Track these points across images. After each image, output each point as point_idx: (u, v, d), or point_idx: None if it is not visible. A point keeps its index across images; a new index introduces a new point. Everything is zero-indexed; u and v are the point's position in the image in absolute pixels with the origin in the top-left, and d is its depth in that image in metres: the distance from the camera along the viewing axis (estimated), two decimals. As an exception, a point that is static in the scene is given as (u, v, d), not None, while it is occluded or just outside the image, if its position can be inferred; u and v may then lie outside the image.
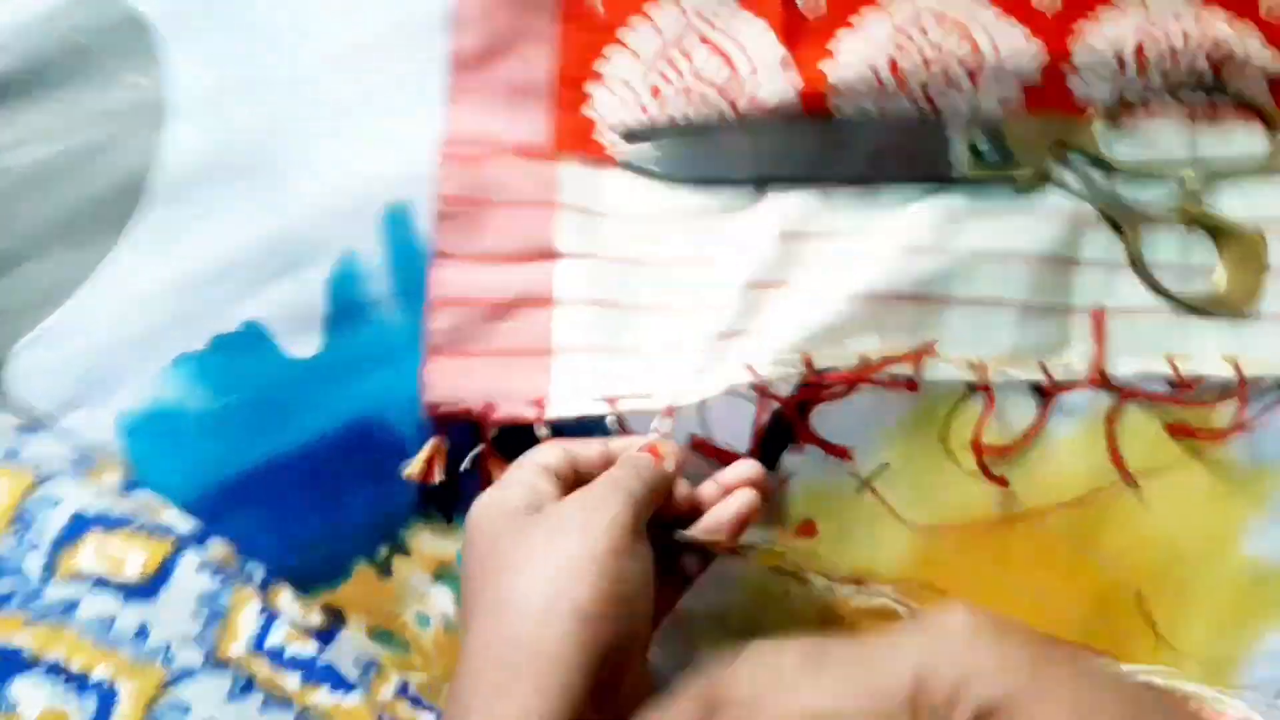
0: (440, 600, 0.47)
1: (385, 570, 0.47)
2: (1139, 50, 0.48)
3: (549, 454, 0.40)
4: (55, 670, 0.31)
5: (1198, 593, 0.47)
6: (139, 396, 0.48)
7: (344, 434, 0.48)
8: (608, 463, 0.40)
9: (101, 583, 0.34)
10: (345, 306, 0.49)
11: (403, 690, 0.41)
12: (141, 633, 0.34)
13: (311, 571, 0.46)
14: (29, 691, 0.31)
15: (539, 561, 0.33)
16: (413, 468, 0.46)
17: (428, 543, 0.47)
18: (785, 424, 0.47)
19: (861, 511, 0.47)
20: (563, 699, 0.31)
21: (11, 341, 0.49)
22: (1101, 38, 0.49)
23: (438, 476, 0.46)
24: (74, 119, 0.51)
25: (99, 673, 0.32)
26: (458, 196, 0.49)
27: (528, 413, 0.46)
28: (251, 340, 0.49)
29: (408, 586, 0.47)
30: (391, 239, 0.49)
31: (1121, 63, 0.49)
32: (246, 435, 0.48)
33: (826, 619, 0.47)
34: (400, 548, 0.47)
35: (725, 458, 0.46)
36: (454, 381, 0.47)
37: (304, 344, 0.49)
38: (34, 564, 0.33)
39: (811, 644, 0.31)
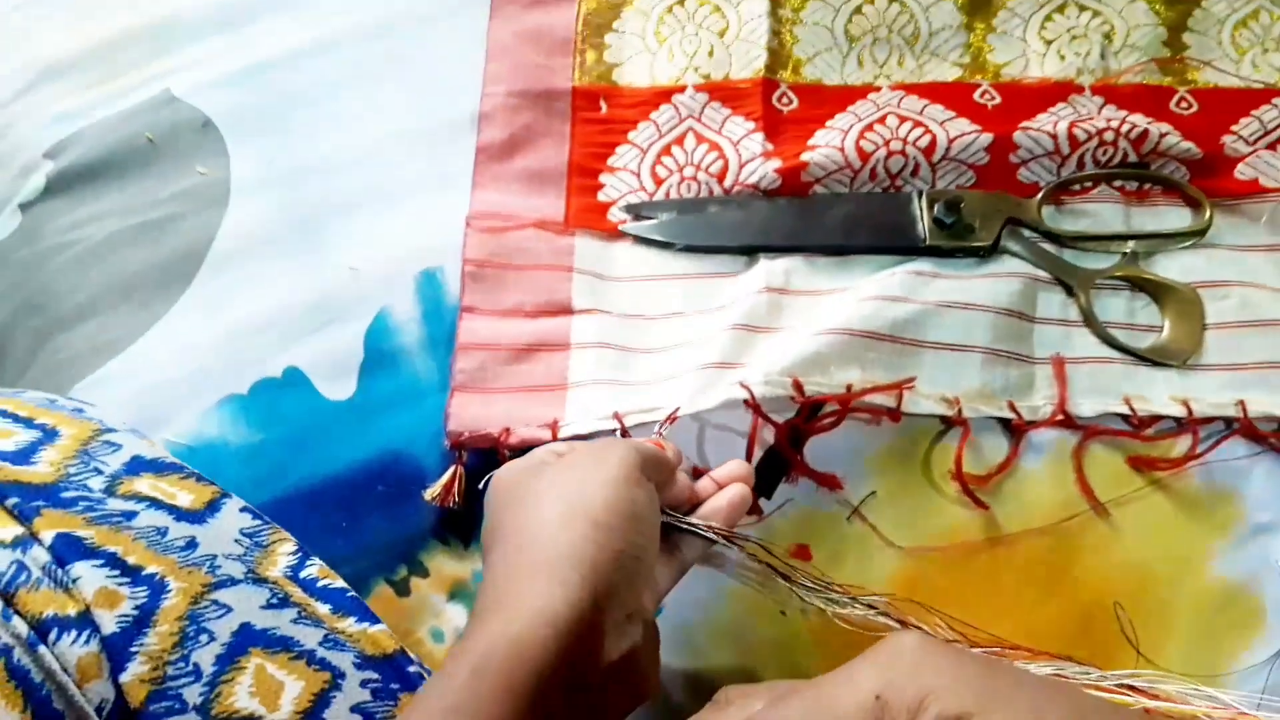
0: (454, 616, 0.49)
1: (403, 590, 0.50)
2: (1072, 138, 0.56)
3: (559, 445, 0.44)
4: (113, 561, 0.34)
5: (1173, 613, 0.49)
6: (183, 431, 0.52)
7: (370, 466, 0.52)
8: None
9: (156, 504, 0.37)
10: (378, 355, 0.54)
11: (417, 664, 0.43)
12: (190, 545, 0.36)
13: (335, 587, 0.49)
14: (88, 573, 0.33)
15: (558, 486, 0.37)
16: (434, 491, 0.50)
17: (445, 565, 0.50)
18: (780, 456, 0.51)
19: (852, 536, 0.51)
20: (581, 589, 0.34)
21: (71, 384, 0.54)
22: (1039, 129, 0.57)
23: (456, 499, 0.50)
24: (146, 200, 0.59)
25: (151, 569, 0.35)
26: (483, 260, 0.55)
27: (543, 434, 0.50)
28: (291, 384, 0.54)
29: (424, 604, 0.49)
30: (423, 298, 0.55)
31: (1058, 149, 0.56)
32: (281, 466, 0.52)
33: (817, 634, 0.49)
34: (418, 569, 0.50)
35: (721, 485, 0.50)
36: (476, 412, 0.51)
37: (340, 388, 0.54)
38: (96, 484, 0.37)
39: (781, 685, 0.35)
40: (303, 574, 0.40)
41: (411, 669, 0.39)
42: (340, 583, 0.41)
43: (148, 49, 0.64)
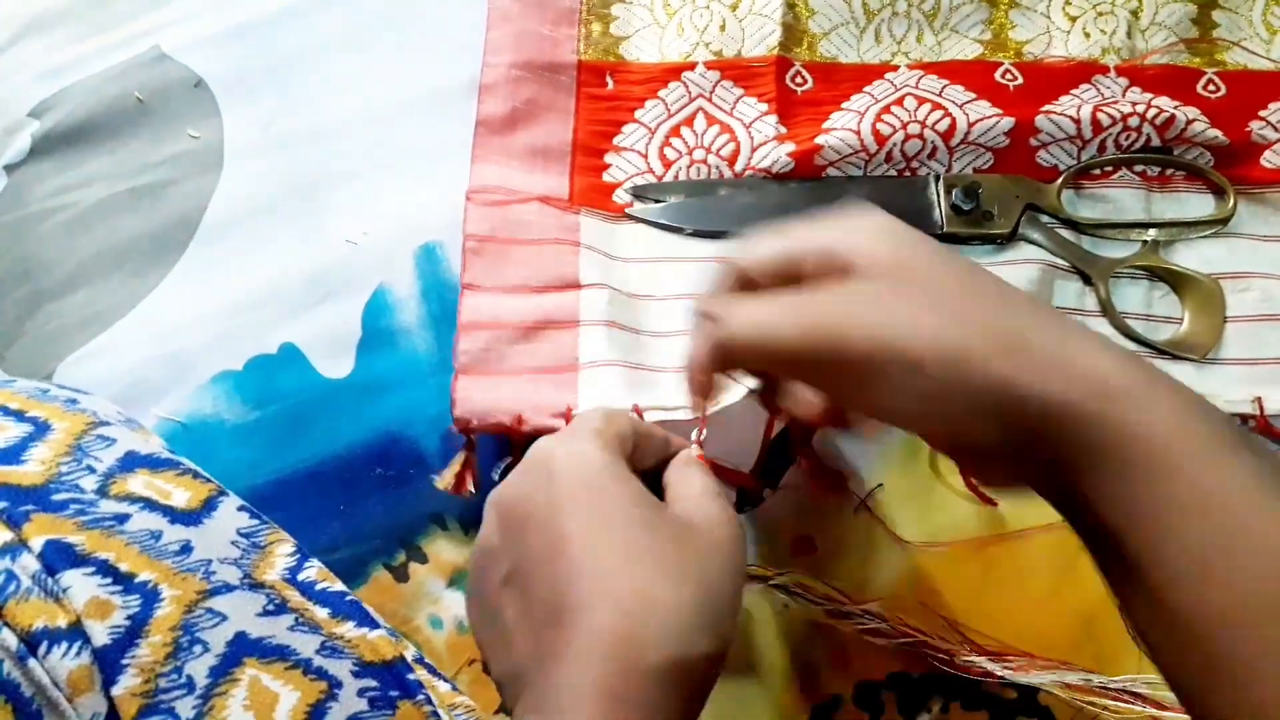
0: (453, 603, 0.48)
1: (402, 575, 0.49)
2: (1095, 123, 0.54)
3: (623, 422, 0.39)
4: (104, 569, 0.33)
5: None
6: (176, 409, 0.51)
7: (369, 447, 0.51)
8: (664, 453, 0.41)
9: (150, 504, 0.36)
10: (377, 333, 0.53)
11: (419, 659, 0.42)
12: (185, 549, 0.35)
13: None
14: (79, 582, 0.32)
15: (693, 586, 0.33)
16: (445, 479, 0.49)
17: (444, 550, 0.49)
18: (786, 444, 0.50)
19: (858, 529, 0.50)
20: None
21: (62, 356, 0.52)
22: (1061, 112, 0.55)
23: (470, 487, 0.48)
24: (136, 165, 0.57)
25: (143, 576, 0.34)
26: (484, 235, 0.53)
27: (557, 424, 0.48)
28: (288, 360, 0.52)
29: (423, 591, 0.49)
30: (422, 273, 0.54)
31: (1080, 134, 0.55)
32: (277, 446, 0.51)
33: (820, 626, 0.48)
34: (417, 555, 0.49)
35: (730, 475, 0.49)
36: (483, 397, 0.49)
37: (337, 365, 0.52)
38: (89, 483, 0.36)
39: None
40: (301, 576, 0.39)
41: (411, 676, 0.38)
42: (339, 586, 0.40)
43: (137, 1, 0.62)
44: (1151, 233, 0.54)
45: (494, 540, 0.36)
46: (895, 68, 0.58)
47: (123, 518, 0.35)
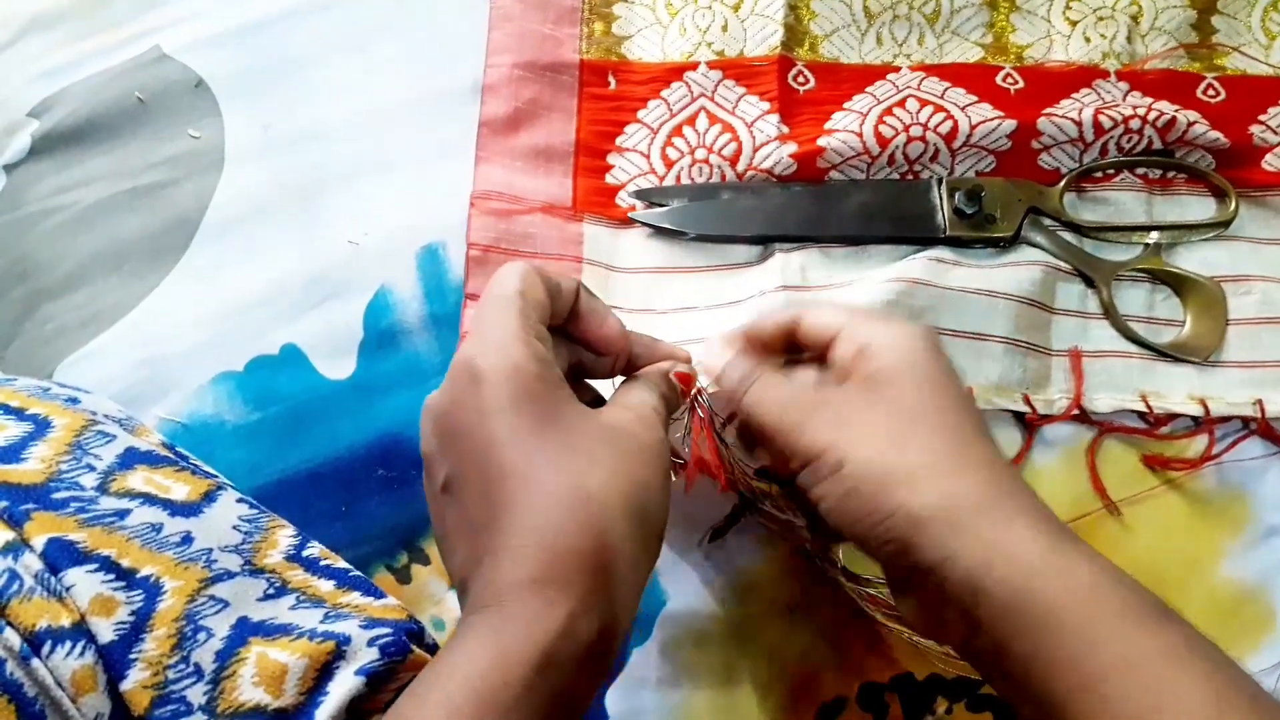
0: (456, 605, 0.48)
1: (404, 577, 0.49)
2: (1097, 125, 0.54)
3: (533, 291, 0.37)
4: (107, 565, 0.33)
5: (1182, 613, 0.49)
6: (176, 409, 0.51)
7: (371, 448, 0.50)
8: (571, 301, 0.40)
9: (150, 499, 0.36)
10: (379, 334, 0.53)
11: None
12: (186, 539, 0.35)
13: (333, 574, 0.48)
14: (83, 579, 0.32)
15: (622, 481, 0.34)
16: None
17: (446, 553, 0.49)
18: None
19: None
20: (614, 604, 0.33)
21: (62, 357, 0.52)
22: (1063, 115, 0.55)
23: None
24: (137, 165, 0.56)
25: (146, 571, 0.34)
26: (487, 244, 0.53)
27: None
28: (289, 361, 0.52)
29: (425, 592, 0.48)
30: (425, 274, 0.54)
31: (1082, 136, 0.55)
32: (278, 446, 0.50)
33: (825, 631, 0.48)
34: (419, 556, 0.49)
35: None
36: None
37: (339, 366, 0.52)
38: (89, 481, 0.35)
39: None
40: (305, 553, 0.39)
41: (417, 629, 0.38)
42: (343, 563, 0.40)
43: (137, 1, 0.62)
44: (1153, 236, 0.54)
45: (431, 448, 0.36)
46: (897, 69, 0.58)
47: (123, 513, 0.35)
